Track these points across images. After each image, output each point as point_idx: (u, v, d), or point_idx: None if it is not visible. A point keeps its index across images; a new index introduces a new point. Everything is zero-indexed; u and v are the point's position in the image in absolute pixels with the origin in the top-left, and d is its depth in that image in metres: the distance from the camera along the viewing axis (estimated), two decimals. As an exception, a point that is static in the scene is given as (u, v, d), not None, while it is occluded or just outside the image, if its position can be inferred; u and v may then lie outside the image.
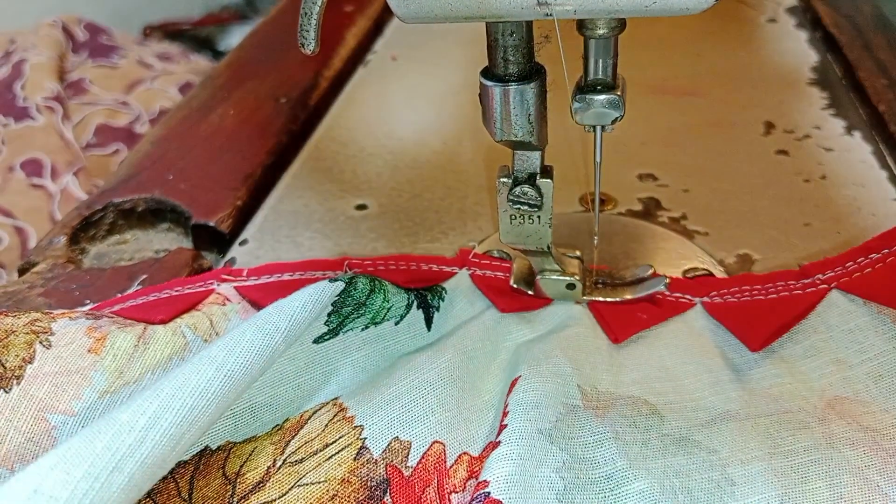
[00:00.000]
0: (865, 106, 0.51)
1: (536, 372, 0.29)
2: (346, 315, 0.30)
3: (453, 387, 0.29)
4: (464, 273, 0.34)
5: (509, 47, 0.26)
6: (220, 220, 0.41)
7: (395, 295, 0.31)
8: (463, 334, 0.31)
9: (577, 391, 0.28)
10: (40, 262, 0.39)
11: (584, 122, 0.28)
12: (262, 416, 0.28)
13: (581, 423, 0.27)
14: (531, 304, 0.33)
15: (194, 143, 0.49)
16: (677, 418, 0.28)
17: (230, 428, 0.28)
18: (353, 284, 0.30)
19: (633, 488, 0.25)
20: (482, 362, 0.30)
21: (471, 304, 0.33)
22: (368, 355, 0.31)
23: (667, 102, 0.52)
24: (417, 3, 0.24)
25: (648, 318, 0.32)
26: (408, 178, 0.45)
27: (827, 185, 0.42)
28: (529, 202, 0.29)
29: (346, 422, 0.28)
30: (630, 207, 0.41)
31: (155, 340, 0.29)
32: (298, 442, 0.27)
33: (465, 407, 0.29)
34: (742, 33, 0.63)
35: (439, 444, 0.27)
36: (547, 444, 0.26)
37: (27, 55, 0.93)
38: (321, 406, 0.29)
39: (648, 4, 0.23)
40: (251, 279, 0.34)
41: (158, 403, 0.23)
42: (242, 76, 0.58)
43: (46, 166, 0.81)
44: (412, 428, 0.27)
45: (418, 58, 0.61)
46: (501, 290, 0.33)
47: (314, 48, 0.26)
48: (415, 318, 0.32)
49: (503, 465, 0.25)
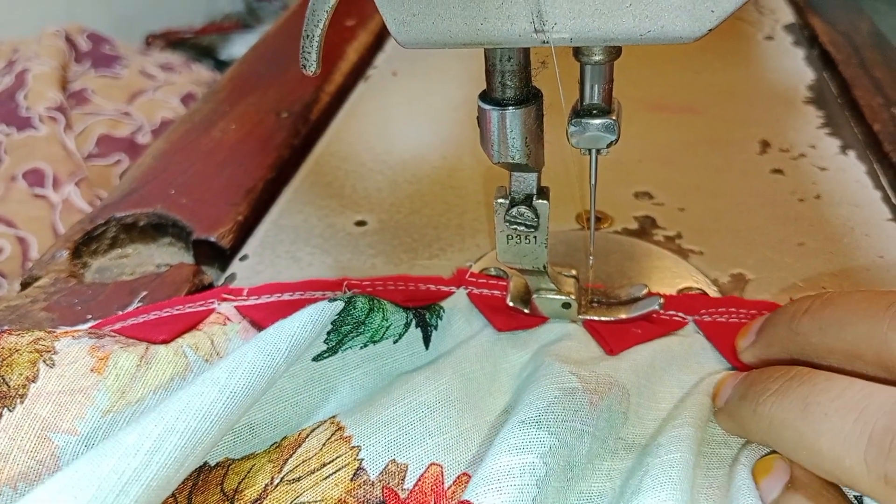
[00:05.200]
0: (860, 125, 0.51)
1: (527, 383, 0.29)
2: (345, 333, 0.30)
3: (451, 408, 0.29)
4: (461, 292, 0.35)
5: (507, 72, 0.26)
6: (221, 236, 0.42)
7: (393, 314, 0.32)
8: (461, 356, 0.31)
9: (572, 377, 0.28)
10: (43, 276, 0.39)
11: (579, 145, 0.28)
12: (260, 433, 0.29)
13: (577, 406, 0.27)
14: (528, 322, 0.34)
15: (196, 158, 0.49)
16: (634, 425, 0.29)
17: (229, 444, 0.28)
18: (352, 304, 0.31)
19: (578, 487, 0.26)
20: (482, 384, 0.31)
21: (468, 323, 0.34)
22: (367, 373, 0.31)
23: (664, 120, 0.53)
24: (417, 29, 0.24)
25: (643, 334, 0.33)
26: (407, 193, 0.46)
27: (821, 204, 0.43)
28: (526, 223, 0.30)
29: (343, 441, 0.28)
30: (626, 226, 0.42)
31: (157, 360, 0.30)
32: (296, 460, 0.28)
33: (465, 428, 0.29)
34: (739, 50, 0.63)
35: (436, 467, 0.28)
36: (533, 431, 0.26)
37: (30, 65, 0.94)
38: (319, 424, 0.29)
39: (643, 33, 0.23)
40: (251, 299, 0.34)
41: (163, 426, 0.23)
42: (244, 90, 0.58)
43: (48, 176, 0.82)
44: (409, 451, 0.28)
45: (418, 73, 0.62)
46: (498, 309, 0.34)
47: (315, 69, 0.27)
48: (413, 336, 0.32)
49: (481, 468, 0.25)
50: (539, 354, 0.31)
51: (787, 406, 0.24)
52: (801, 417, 0.23)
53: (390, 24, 0.24)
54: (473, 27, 0.24)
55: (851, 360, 0.25)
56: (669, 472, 0.26)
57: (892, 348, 0.23)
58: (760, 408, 0.25)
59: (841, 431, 0.22)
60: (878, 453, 0.21)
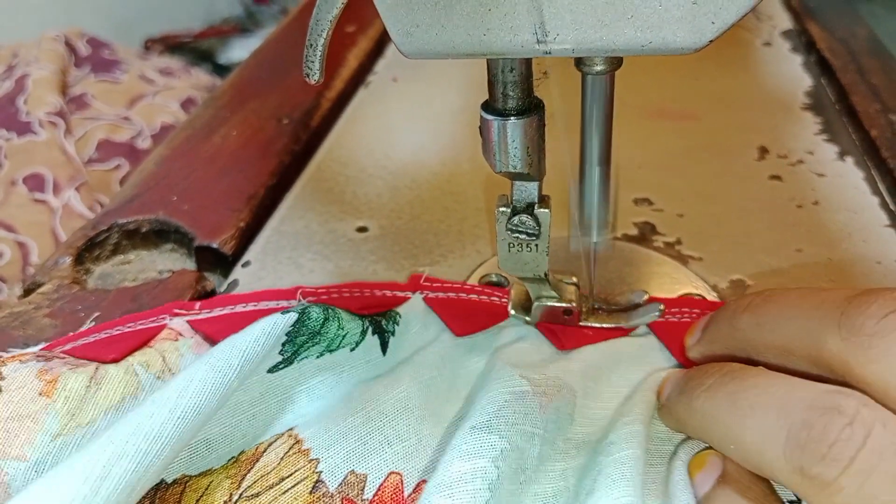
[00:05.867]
0: (858, 131, 0.51)
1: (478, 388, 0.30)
2: (300, 344, 0.30)
3: (410, 416, 0.29)
4: (417, 297, 0.35)
5: (509, 83, 0.26)
6: (223, 242, 0.42)
7: (349, 322, 0.31)
8: (419, 363, 0.31)
9: (522, 381, 0.29)
10: (46, 282, 0.39)
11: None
12: (217, 448, 0.28)
13: (527, 409, 0.28)
14: (484, 323, 0.34)
15: (198, 164, 0.49)
16: (583, 425, 0.29)
17: (185, 461, 0.28)
18: (306, 314, 0.30)
19: (532, 490, 0.27)
20: (441, 390, 0.31)
21: (425, 328, 0.34)
22: (324, 382, 0.31)
23: (663, 126, 0.53)
24: (421, 40, 0.25)
25: (594, 335, 0.33)
26: (407, 199, 0.46)
27: (819, 210, 0.43)
28: (527, 231, 0.30)
29: (301, 454, 0.28)
30: (626, 232, 0.42)
31: (107, 380, 0.29)
32: (254, 475, 0.27)
33: (425, 435, 0.29)
34: (737, 57, 0.64)
35: (396, 475, 0.28)
36: (484, 436, 0.26)
37: (30, 69, 0.94)
38: (277, 438, 0.29)
39: (644, 44, 0.24)
40: (204, 312, 0.34)
41: (112, 451, 0.23)
42: (245, 96, 0.59)
43: (48, 181, 0.82)
44: (368, 461, 0.28)
45: (419, 79, 0.62)
46: (455, 313, 0.34)
47: (319, 78, 0.27)
48: (370, 343, 0.32)
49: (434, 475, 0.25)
50: (492, 358, 0.32)
51: (718, 401, 0.25)
52: (729, 412, 0.24)
53: (394, 35, 0.25)
54: (477, 38, 0.24)
55: (786, 356, 0.25)
56: (622, 469, 0.26)
57: (820, 345, 0.24)
58: (694, 403, 0.26)
59: (763, 426, 0.23)
60: (796, 447, 0.21)
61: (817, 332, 0.24)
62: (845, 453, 0.20)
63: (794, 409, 0.22)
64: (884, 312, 0.22)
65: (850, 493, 0.20)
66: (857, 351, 0.22)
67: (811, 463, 0.21)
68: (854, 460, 0.20)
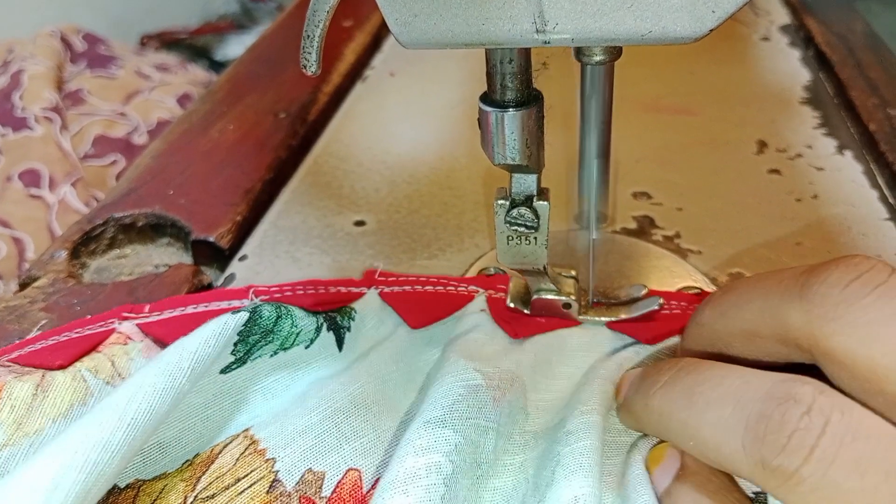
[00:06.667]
0: (856, 125, 0.51)
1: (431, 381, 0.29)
2: (253, 343, 0.30)
3: (368, 412, 0.29)
4: (372, 292, 0.34)
5: (507, 74, 0.26)
6: (219, 236, 0.42)
7: (303, 319, 0.31)
8: (376, 359, 0.31)
9: (476, 374, 0.28)
10: (41, 276, 0.39)
11: None
12: (171, 451, 0.28)
13: (480, 404, 0.27)
14: (439, 314, 0.34)
15: (194, 158, 0.49)
16: (540, 417, 0.29)
17: (139, 465, 0.27)
18: (257, 313, 0.30)
19: (491, 484, 0.26)
20: (398, 384, 0.31)
21: (381, 322, 0.33)
22: (279, 380, 0.30)
23: (661, 120, 0.53)
24: (419, 29, 0.24)
25: (546, 323, 0.33)
26: (405, 193, 0.46)
27: (818, 204, 0.43)
28: (526, 224, 0.30)
29: (257, 455, 0.28)
30: (624, 226, 0.42)
31: (54, 388, 0.28)
32: (210, 477, 0.27)
33: (383, 430, 0.29)
34: (735, 51, 0.64)
35: (355, 472, 0.27)
36: (438, 430, 0.26)
37: (25, 65, 0.93)
38: (232, 439, 0.28)
39: (644, 33, 0.24)
40: (154, 315, 0.33)
41: (60, 462, 0.22)
42: (242, 91, 0.58)
43: (44, 177, 0.81)
44: (326, 458, 0.27)
45: (416, 74, 0.62)
46: (411, 306, 0.34)
47: (316, 70, 0.27)
48: (326, 340, 0.31)
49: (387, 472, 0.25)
50: (446, 350, 0.31)
51: (673, 398, 0.24)
52: (685, 408, 0.24)
53: (392, 25, 0.24)
54: (475, 27, 0.24)
55: (753, 341, 0.25)
56: (581, 459, 0.26)
57: (784, 321, 0.23)
58: (650, 402, 0.25)
59: (720, 420, 0.22)
60: (754, 439, 0.21)
61: (779, 308, 0.23)
62: (805, 443, 0.20)
63: (751, 401, 0.21)
64: (846, 280, 0.21)
65: (812, 483, 0.19)
66: (821, 323, 0.21)
67: (771, 455, 0.20)
68: (814, 449, 0.19)
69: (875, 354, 0.20)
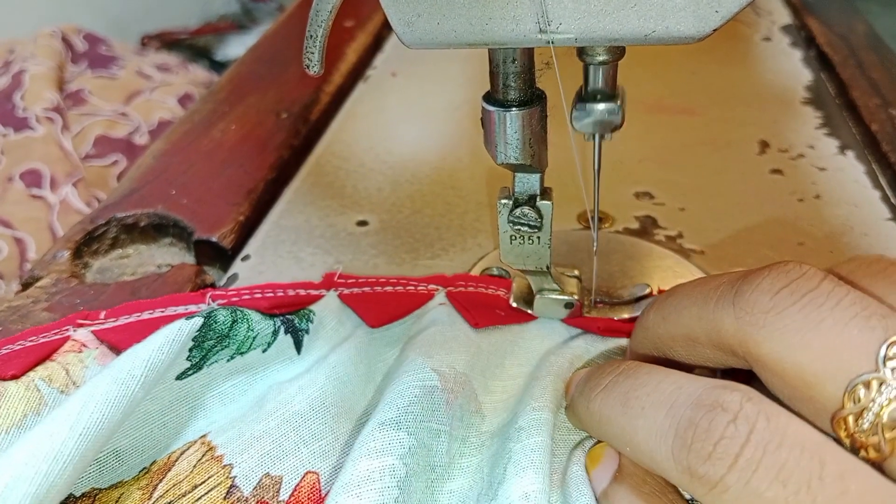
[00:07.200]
0: (858, 125, 0.51)
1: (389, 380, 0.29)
2: (208, 349, 0.29)
3: (326, 414, 0.29)
4: (332, 294, 0.34)
5: (511, 74, 0.26)
6: (222, 236, 0.42)
7: (259, 323, 0.31)
8: (335, 361, 0.31)
9: (433, 374, 0.28)
10: (44, 276, 0.39)
11: (583, 129, 0.28)
12: (128, 459, 0.28)
13: (434, 406, 0.27)
14: (398, 312, 0.33)
15: (196, 158, 0.49)
16: (496, 417, 0.29)
17: (95, 474, 0.27)
18: (212, 318, 0.29)
19: (447, 487, 0.26)
20: (357, 385, 0.30)
21: (341, 324, 0.33)
22: (237, 385, 0.30)
23: (663, 121, 0.53)
24: (422, 29, 0.24)
25: (506, 317, 0.33)
26: (408, 193, 0.46)
27: (820, 204, 0.43)
28: (529, 223, 0.30)
29: (215, 461, 0.27)
30: (627, 225, 0.42)
31: (7, 398, 0.28)
32: (167, 485, 0.27)
33: (341, 433, 0.29)
34: (737, 51, 0.64)
35: (313, 475, 0.27)
36: (392, 433, 0.26)
37: (26, 65, 0.93)
38: (189, 445, 0.28)
39: (648, 33, 0.24)
40: (109, 321, 0.32)
41: (10, 474, 0.22)
42: (243, 91, 0.58)
43: (46, 177, 0.81)
44: (284, 462, 0.27)
45: (418, 74, 0.62)
46: (370, 306, 0.34)
47: (319, 69, 0.27)
48: (284, 343, 0.31)
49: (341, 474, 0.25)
50: (405, 348, 0.31)
51: (611, 402, 0.24)
52: (621, 413, 0.24)
53: (395, 25, 0.24)
54: (479, 27, 0.24)
55: (692, 346, 0.25)
56: (532, 456, 0.26)
57: (719, 327, 0.23)
58: (591, 405, 0.26)
59: (653, 426, 0.22)
60: (682, 446, 0.21)
61: (714, 315, 0.23)
62: (730, 451, 0.20)
63: (681, 407, 0.21)
64: (776, 288, 0.21)
65: (735, 491, 0.19)
66: (751, 330, 0.21)
67: (697, 463, 0.20)
68: (738, 457, 0.19)
69: (802, 361, 0.20)
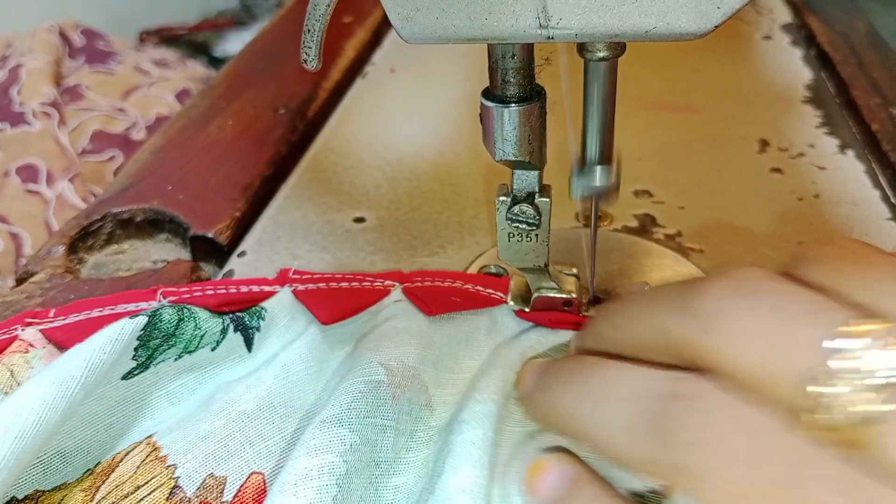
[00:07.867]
0: (859, 124, 0.51)
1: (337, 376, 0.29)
2: (154, 348, 0.29)
3: (273, 414, 0.28)
4: (286, 290, 0.33)
5: (510, 69, 0.26)
6: (218, 232, 0.41)
7: (207, 321, 0.30)
8: (285, 359, 0.30)
9: (379, 368, 0.28)
10: (38, 271, 0.39)
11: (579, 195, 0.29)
12: (73, 461, 0.27)
13: (379, 401, 0.27)
14: (351, 308, 0.33)
15: (193, 154, 0.49)
16: (446, 411, 0.29)
17: (38, 476, 0.26)
18: (157, 316, 0.29)
19: (392, 482, 0.26)
20: (307, 384, 0.30)
21: (294, 321, 0.32)
22: (185, 385, 0.30)
23: (663, 118, 0.53)
24: (421, 24, 0.24)
25: (462, 303, 0.33)
26: (406, 190, 0.46)
27: (820, 203, 0.43)
28: (528, 220, 0.30)
29: (158, 462, 0.27)
30: (626, 224, 0.41)
31: None
32: (109, 486, 0.27)
33: (289, 432, 0.28)
34: (737, 50, 0.63)
35: (258, 475, 0.27)
36: (334, 430, 0.26)
37: (24, 60, 0.93)
38: (135, 446, 0.28)
39: (649, 29, 0.23)
40: (59, 319, 0.32)
41: None
42: (241, 86, 0.58)
43: (42, 172, 0.81)
44: (228, 463, 0.27)
45: (417, 70, 0.61)
46: (324, 302, 0.33)
47: (317, 64, 0.26)
48: (234, 341, 0.31)
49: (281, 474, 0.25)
50: (358, 345, 0.31)
51: (570, 395, 0.24)
52: (580, 406, 0.24)
53: (394, 20, 0.24)
54: (478, 22, 0.23)
55: (645, 354, 0.25)
56: (471, 450, 0.25)
57: (666, 334, 0.23)
58: (548, 398, 0.26)
59: (613, 418, 0.22)
60: (643, 437, 0.21)
61: (662, 321, 0.23)
62: (690, 437, 0.20)
63: (641, 399, 0.22)
64: (721, 292, 0.21)
65: (695, 476, 0.20)
66: (697, 335, 0.21)
67: (657, 452, 0.21)
68: (694, 444, 0.20)
69: (752, 362, 0.20)
